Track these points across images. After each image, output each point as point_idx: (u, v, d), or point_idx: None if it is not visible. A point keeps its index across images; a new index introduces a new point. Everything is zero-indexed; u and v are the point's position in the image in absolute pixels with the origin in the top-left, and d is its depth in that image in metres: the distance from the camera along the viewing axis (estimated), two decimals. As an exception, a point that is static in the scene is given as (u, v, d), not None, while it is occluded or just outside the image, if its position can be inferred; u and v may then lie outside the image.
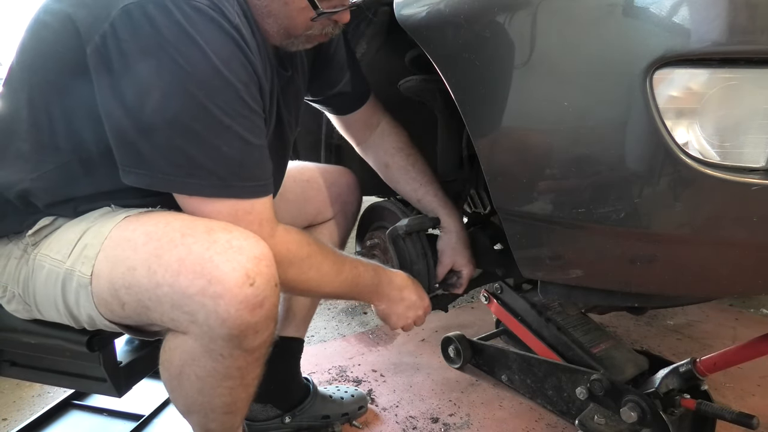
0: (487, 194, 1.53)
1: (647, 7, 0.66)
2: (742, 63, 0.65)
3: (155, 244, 0.72)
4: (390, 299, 1.05)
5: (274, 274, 0.73)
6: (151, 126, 0.70)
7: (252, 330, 0.72)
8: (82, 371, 0.89)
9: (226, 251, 0.70)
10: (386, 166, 1.20)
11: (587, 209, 0.77)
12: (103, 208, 0.83)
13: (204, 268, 0.69)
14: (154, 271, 0.71)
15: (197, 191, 0.75)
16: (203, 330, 0.71)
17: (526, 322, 1.42)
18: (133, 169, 0.74)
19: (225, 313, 0.69)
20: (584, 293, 0.91)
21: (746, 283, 0.81)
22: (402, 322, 1.07)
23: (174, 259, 0.70)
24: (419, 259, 1.20)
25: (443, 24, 0.86)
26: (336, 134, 1.39)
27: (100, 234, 0.77)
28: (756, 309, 2.03)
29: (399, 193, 1.23)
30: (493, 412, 1.40)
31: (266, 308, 0.72)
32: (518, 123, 0.81)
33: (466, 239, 1.18)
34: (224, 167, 0.74)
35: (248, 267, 0.69)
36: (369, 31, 1.18)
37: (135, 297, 0.73)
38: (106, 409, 1.34)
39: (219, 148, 0.73)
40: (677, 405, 1.10)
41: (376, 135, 1.20)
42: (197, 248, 0.70)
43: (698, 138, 0.68)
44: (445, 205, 1.17)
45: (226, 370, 0.76)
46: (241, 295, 0.68)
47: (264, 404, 1.27)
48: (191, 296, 0.69)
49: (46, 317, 0.84)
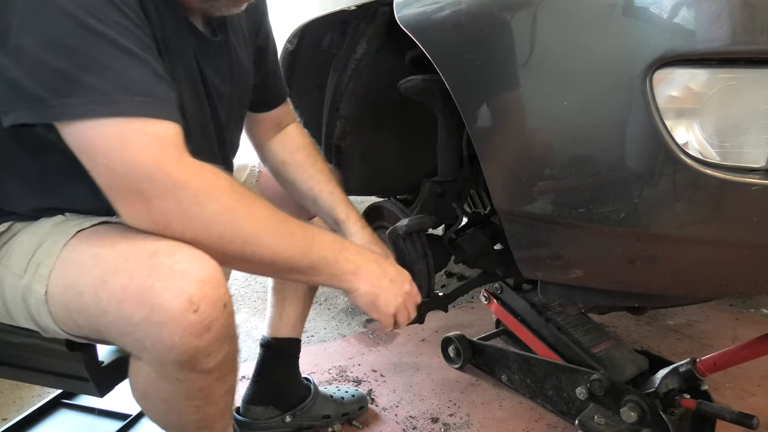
0: (487, 194, 1.54)
1: (647, 7, 0.66)
2: (742, 63, 0.65)
3: (100, 268, 0.69)
4: (369, 273, 0.86)
5: (221, 295, 0.68)
6: (18, 47, 0.62)
7: (202, 354, 0.68)
8: (65, 371, 0.88)
9: (167, 277, 0.65)
10: (283, 164, 1.12)
11: (587, 209, 0.77)
12: (57, 216, 0.79)
13: (146, 296, 0.65)
14: (100, 297, 0.67)
15: (78, 113, 0.63)
16: (153, 357, 0.69)
17: (526, 322, 1.42)
18: (11, 106, 0.65)
19: (170, 341, 0.65)
20: (584, 293, 0.91)
21: (746, 283, 0.81)
22: (393, 302, 0.89)
23: (117, 286, 0.66)
24: (419, 260, 1.19)
25: (443, 24, 0.86)
26: (336, 134, 1.40)
27: (52, 252, 0.73)
28: (756, 309, 2.03)
29: (296, 197, 1.14)
30: (493, 412, 1.40)
31: (215, 331, 0.68)
32: (518, 123, 0.81)
33: (373, 234, 1.10)
34: (106, 80, 0.63)
35: (191, 292, 0.65)
36: (369, 31, 1.18)
37: (87, 321, 0.71)
38: (94, 408, 1.34)
39: (97, 58, 0.63)
40: (677, 405, 1.10)
41: (281, 134, 1.14)
42: (139, 275, 0.66)
43: (698, 138, 0.68)
44: (342, 203, 1.09)
45: (186, 392, 0.74)
46: (184, 322, 0.65)
47: (265, 406, 1.27)
48: (136, 324, 0.66)
49: (21, 324, 0.82)
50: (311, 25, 1.25)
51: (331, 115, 1.37)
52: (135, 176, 0.65)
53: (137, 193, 0.66)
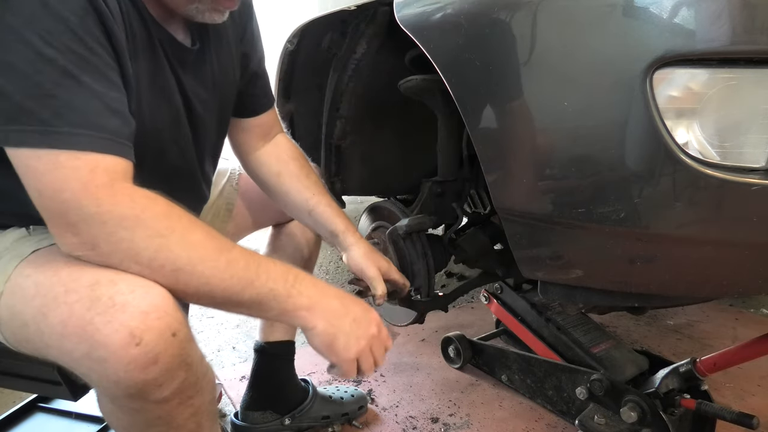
0: (487, 194, 1.54)
1: (647, 7, 0.66)
2: (742, 63, 0.65)
3: (41, 300, 0.66)
4: (327, 310, 0.76)
5: (169, 324, 0.65)
6: None
7: (152, 386, 0.65)
8: (37, 374, 0.86)
9: (107, 310, 0.62)
10: (278, 175, 1.09)
11: (587, 209, 0.77)
12: (20, 230, 0.78)
13: (85, 332, 0.62)
14: (42, 331, 0.65)
15: (20, 141, 0.62)
16: (102, 390, 0.68)
17: (526, 322, 1.42)
18: None
19: (114, 376, 0.63)
20: (584, 293, 0.91)
21: (746, 283, 0.81)
22: (354, 347, 0.78)
23: (57, 320, 0.64)
24: (419, 260, 1.20)
25: (443, 24, 0.86)
26: (336, 134, 1.40)
27: (4, 272, 0.71)
28: (756, 309, 2.03)
29: (287, 208, 1.13)
30: (493, 412, 1.40)
31: (163, 362, 0.64)
32: (518, 123, 0.81)
33: (369, 244, 1.10)
34: (49, 109, 0.62)
35: (132, 325, 0.62)
36: (369, 31, 1.18)
37: (35, 352, 0.69)
38: (70, 412, 1.33)
39: (40, 85, 0.61)
40: (677, 405, 1.10)
41: (270, 144, 1.11)
42: (78, 308, 0.63)
43: (698, 138, 0.68)
44: (339, 215, 1.08)
45: (145, 421, 0.71)
46: (126, 357, 0.62)
47: (263, 410, 1.27)
48: (78, 360, 0.64)
49: None
50: (311, 25, 1.25)
51: (331, 115, 1.37)
52: (61, 200, 0.63)
53: (64, 216, 0.64)
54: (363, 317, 0.81)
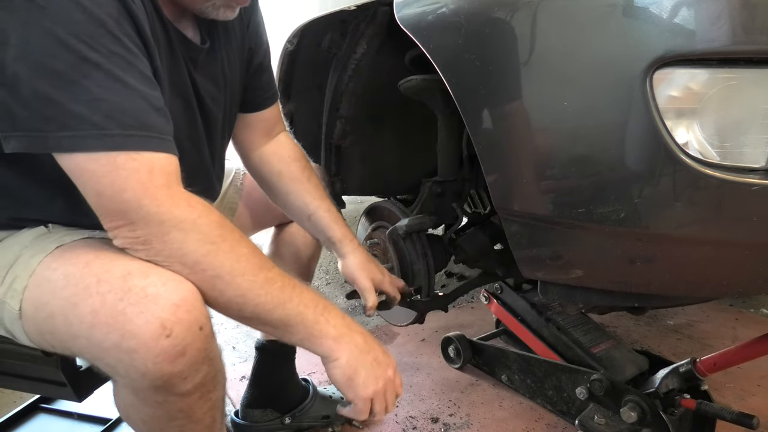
0: (487, 194, 1.54)
1: (647, 7, 0.66)
2: (742, 63, 0.65)
3: (72, 290, 0.67)
4: (352, 344, 0.78)
5: (197, 318, 0.67)
6: (14, 77, 0.62)
7: (178, 378, 0.67)
8: (42, 375, 0.86)
9: (139, 301, 0.64)
10: (279, 175, 1.08)
11: (587, 209, 0.77)
12: (39, 227, 0.78)
13: (117, 322, 0.63)
14: (70, 321, 0.66)
15: (71, 146, 0.63)
16: (127, 382, 0.68)
17: (526, 322, 1.42)
18: (11, 133, 0.64)
19: (143, 367, 0.64)
20: (584, 293, 0.91)
21: (746, 283, 0.81)
22: (372, 386, 0.78)
23: (88, 310, 0.65)
24: (419, 260, 1.20)
25: (443, 24, 0.86)
26: (336, 134, 1.40)
27: (28, 267, 0.72)
28: (756, 309, 2.03)
29: (286, 209, 1.12)
30: (493, 412, 1.40)
31: (190, 355, 0.66)
32: (518, 123, 0.81)
33: (366, 253, 1.10)
34: (100, 113, 0.63)
35: (163, 317, 0.64)
36: (369, 31, 1.18)
37: (59, 343, 0.70)
38: (73, 413, 1.33)
39: (89, 90, 0.62)
40: (677, 405, 1.10)
41: (273, 142, 1.10)
42: (111, 298, 0.65)
43: (698, 138, 0.68)
44: (338, 221, 1.08)
45: (167, 414, 0.72)
46: (156, 348, 0.63)
47: (264, 408, 1.27)
48: (107, 350, 0.65)
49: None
50: (311, 25, 1.25)
51: (331, 115, 1.37)
52: (122, 200, 0.65)
53: (124, 215, 0.66)
54: (383, 358, 0.82)
